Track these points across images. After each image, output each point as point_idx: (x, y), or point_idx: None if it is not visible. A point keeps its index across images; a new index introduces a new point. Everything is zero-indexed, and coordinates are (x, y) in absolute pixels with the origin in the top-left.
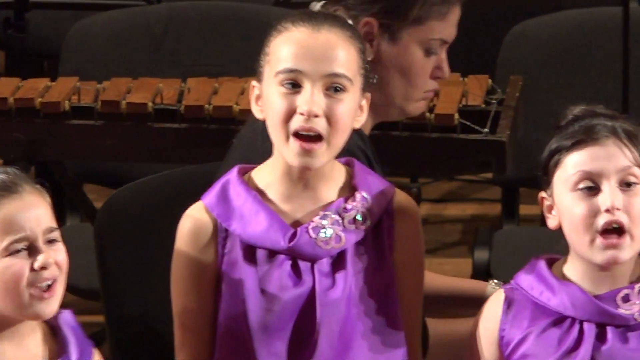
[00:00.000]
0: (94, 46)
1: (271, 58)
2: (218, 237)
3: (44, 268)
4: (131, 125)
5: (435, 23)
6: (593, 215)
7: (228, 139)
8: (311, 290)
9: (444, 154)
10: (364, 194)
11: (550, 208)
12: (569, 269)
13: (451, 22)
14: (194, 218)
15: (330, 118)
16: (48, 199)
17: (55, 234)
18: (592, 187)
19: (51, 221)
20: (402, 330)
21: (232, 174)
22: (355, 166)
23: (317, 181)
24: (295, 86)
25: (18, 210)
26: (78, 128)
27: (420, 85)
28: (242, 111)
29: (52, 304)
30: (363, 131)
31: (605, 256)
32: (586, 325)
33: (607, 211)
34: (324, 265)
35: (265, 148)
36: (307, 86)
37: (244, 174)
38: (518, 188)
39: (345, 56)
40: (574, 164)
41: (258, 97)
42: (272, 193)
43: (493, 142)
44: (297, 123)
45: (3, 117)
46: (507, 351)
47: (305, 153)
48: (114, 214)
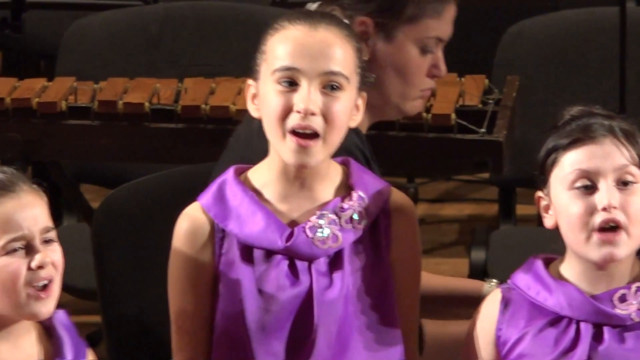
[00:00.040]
0: (91, 46)
1: (268, 56)
2: (215, 238)
3: (41, 267)
4: (128, 125)
5: (430, 21)
6: (590, 213)
7: (225, 139)
8: (308, 290)
9: (441, 154)
10: (361, 193)
11: (547, 207)
12: (566, 269)
13: (446, 20)
14: (191, 219)
15: (327, 116)
16: (45, 199)
17: (51, 234)
18: (589, 186)
19: (48, 221)
20: (399, 328)
21: (229, 174)
22: (351, 165)
23: (314, 180)
24: (292, 84)
25: (16, 209)
26: (75, 128)
27: (416, 83)
28: (239, 111)
29: (49, 304)
30: (360, 130)
31: (601, 253)
32: (583, 325)
33: (604, 210)
34: (321, 264)
35: (261, 146)
36: (304, 84)
37: (240, 174)
38: (515, 188)
39: (342, 54)
40: (571, 163)
41: (254, 96)
42: (269, 193)
43: (490, 142)
44: (294, 121)
45: (0, 117)
46: (504, 351)
47: (301, 150)
48: (111, 214)
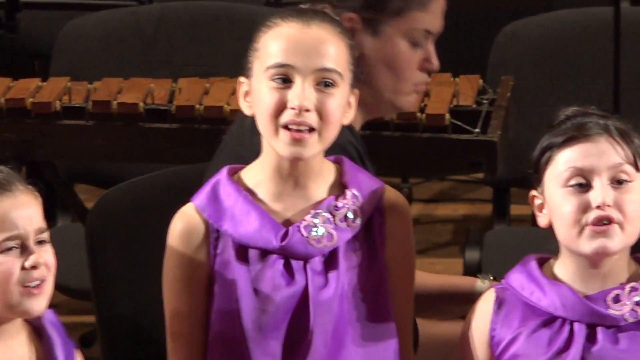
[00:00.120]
0: (85, 46)
1: (261, 53)
2: (210, 238)
3: (34, 268)
4: (122, 125)
5: (416, 14)
6: (583, 211)
7: (219, 139)
8: (304, 289)
9: (435, 154)
10: (355, 192)
11: (541, 207)
12: (560, 269)
13: (434, 13)
14: (185, 220)
15: (321, 112)
16: (40, 200)
17: (45, 235)
18: (584, 184)
19: (42, 222)
20: (394, 324)
21: (222, 174)
22: (344, 164)
23: (307, 179)
24: (285, 81)
25: (11, 208)
26: (69, 128)
27: (408, 77)
28: (233, 111)
29: (41, 301)
30: (354, 127)
31: (594, 244)
32: (576, 325)
33: (598, 207)
34: (317, 263)
35: (253, 143)
36: (298, 81)
37: (234, 174)
38: (509, 188)
39: (335, 51)
40: (566, 161)
41: (247, 93)
42: (262, 192)
43: (484, 142)
44: (288, 117)
45: None
46: (498, 351)
47: (296, 143)
48: (105, 214)
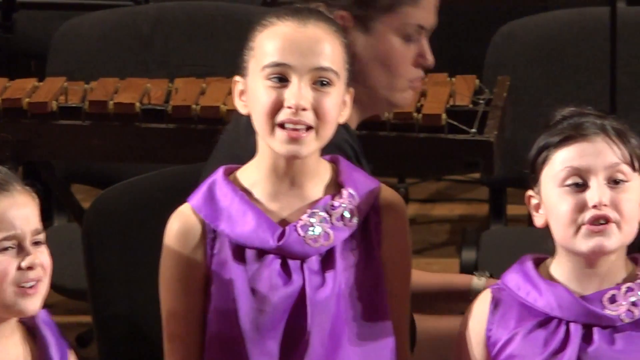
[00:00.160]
0: (82, 46)
1: (257, 52)
2: (206, 238)
3: (30, 268)
4: (119, 125)
5: (408, 9)
6: (580, 210)
7: (215, 139)
8: (301, 289)
9: (432, 154)
10: (351, 191)
11: (537, 206)
12: (556, 269)
13: (426, 8)
14: (182, 220)
15: (318, 111)
16: (37, 201)
17: (41, 237)
18: (580, 184)
19: (39, 223)
20: (391, 323)
21: (218, 175)
22: (340, 163)
23: (303, 178)
24: (282, 80)
25: (9, 208)
26: (65, 128)
27: (402, 73)
28: (230, 111)
29: (36, 301)
30: (349, 125)
31: (591, 243)
32: (572, 326)
33: (594, 207)
34: (314, 263)
35: (249, 142)
36: (295, 80)
37: (230, 174)
38: (505, 188)
39: (331, 50)
40: (562, 160)
41: (242, 92)
42: (259, 192)
43: (480, 143)
44: (285, 116)
45: None
46: (494, 351)
47: (292, 141)
48: (102, 214)
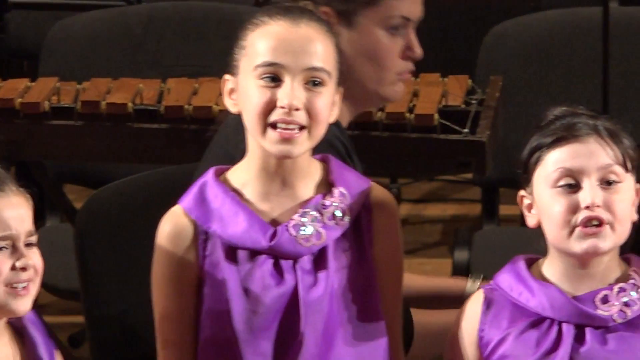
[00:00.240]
0: (74, 46)
1: (248, 51)
2: (198, 240)
3: (23, 269)
4: (111, 125)
5: (391, 1)
6: (572, 211)
7: (208, 140)
8: (294, 288)
9: (424, 155)
10: (342, 190)
11: (529, 207)
12: (548, 270)
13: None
14: (173, 222)
15: (310, 111)
16: (31, 202)
17: (34, 239)
18: (573, 185)
19: (32, 224)
20: (384, 322)
21: (209, 176)
22: (331, 162)
23: (294, 178)
24: (274, 80)
25: (4, 208)
26: (58, 128)
27: (390, 66)
28: (222, 111)
29: (27, 302)
30: (340, 123)
31: (585, 245)
32: (565, 326)
33: (587, 208)
34: (306, 262)
35: (239, 140)
36: (287, 80)
37: (220, 175)
38: (498, 188)
39: (323, 50)
40: (555, 161)
41: (232, 91)
42: (249, 192)
43: (473, 143)
44: (277, 115)
45: None
46: (487, 352)
47: (284, 141)
48: (94, 215)
